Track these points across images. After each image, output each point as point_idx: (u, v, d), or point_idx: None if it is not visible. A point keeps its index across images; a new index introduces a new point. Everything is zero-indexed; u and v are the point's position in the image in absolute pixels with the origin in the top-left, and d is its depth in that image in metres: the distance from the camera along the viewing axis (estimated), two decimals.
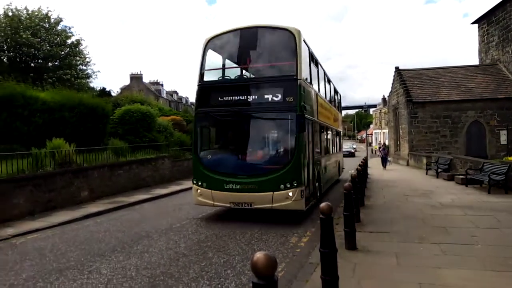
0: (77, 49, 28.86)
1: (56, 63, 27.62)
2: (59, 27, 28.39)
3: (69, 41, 28.48)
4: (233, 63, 10.46)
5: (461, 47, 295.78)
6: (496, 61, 25.00)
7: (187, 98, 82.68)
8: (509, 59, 23.59)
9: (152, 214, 10.25)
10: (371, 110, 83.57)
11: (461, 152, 22.08)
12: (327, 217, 4.03)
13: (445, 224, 7.55)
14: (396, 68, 27.14)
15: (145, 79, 63.44)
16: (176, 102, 71.99)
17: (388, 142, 33.40)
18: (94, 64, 68.29)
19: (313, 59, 11.11)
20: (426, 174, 18.95)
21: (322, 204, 4.14)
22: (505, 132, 22.40)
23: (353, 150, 46.68)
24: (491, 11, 24.73)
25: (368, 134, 68.14)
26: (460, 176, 14.42)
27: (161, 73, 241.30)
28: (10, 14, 25.92)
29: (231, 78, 9.57)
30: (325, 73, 13.77)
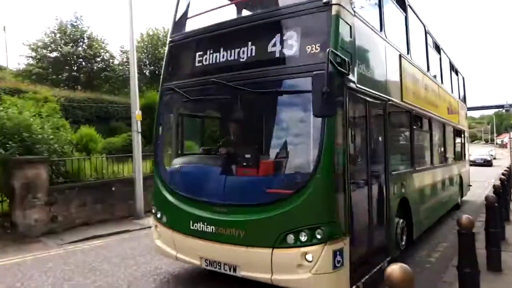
0: None
1: None
2: None
3: None
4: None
5: None
6: None
7: None
8: None
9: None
10: None
11: None
12: (467, 232, 3.61)
13: None
14: None
15: None
16: None
17: None
18: None
19: None
20: None
21: (463, 217, 3.67)
22: None
23: (490, 158, 36.94)
24: None
25: None
26: None
27: None
28: (151, 33, 30.52)
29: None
30: (426, 30, 8.32)
